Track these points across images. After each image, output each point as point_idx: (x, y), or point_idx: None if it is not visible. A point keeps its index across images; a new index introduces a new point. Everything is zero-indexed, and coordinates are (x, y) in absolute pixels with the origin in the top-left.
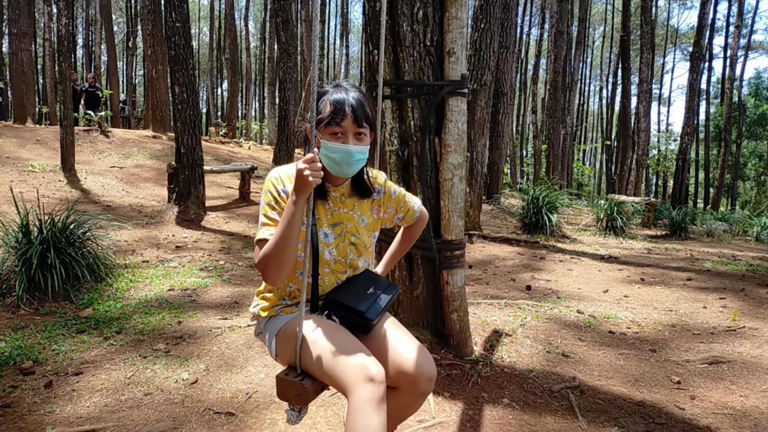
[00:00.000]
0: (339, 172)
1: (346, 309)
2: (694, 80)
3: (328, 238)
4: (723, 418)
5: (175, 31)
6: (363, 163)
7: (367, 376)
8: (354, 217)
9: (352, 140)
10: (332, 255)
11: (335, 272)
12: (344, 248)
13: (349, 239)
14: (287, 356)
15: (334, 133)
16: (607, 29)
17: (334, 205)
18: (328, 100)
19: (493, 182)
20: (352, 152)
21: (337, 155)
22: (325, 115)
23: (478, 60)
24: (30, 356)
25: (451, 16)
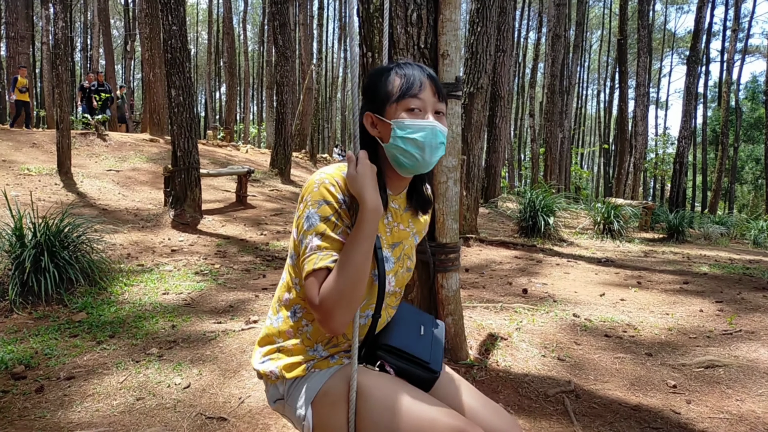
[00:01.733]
0: (417, 162)
1: (405, 359)
2: (691, 84)
3: (387, 264)
4: (719, 422)
5: (171, 34)
6: (444, 151)
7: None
8: (410, 235)
9: (433, 117)
10: (392, 285)
11: (388, 307)
12: (402, 276)
13: (405, 264)
14: (332, 428)
15: (410, 109)
16: (605, 33)
17: (393, 220)
18: (395, 74)
19: (491, 186)
20: (437, 130)
21: (419, 135)
22: (395, 88)
23: (475, 63)
24: (22, 361)
25: (446, 19)
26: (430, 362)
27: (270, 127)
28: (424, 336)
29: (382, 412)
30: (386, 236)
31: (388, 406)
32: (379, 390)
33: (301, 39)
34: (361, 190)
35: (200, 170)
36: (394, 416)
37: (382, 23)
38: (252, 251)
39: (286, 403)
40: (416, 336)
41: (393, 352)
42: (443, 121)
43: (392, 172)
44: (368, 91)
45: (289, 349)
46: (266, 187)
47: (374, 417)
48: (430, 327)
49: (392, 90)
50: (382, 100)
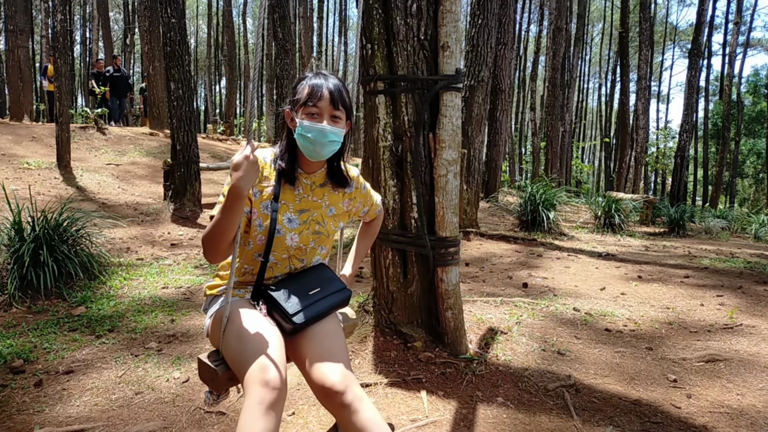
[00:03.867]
0: (313, 153)
1: (275, 306)
2: (693, 77)
3: (292, 224)
4: (719, 416)
5: (170, 27)
6: (337, 147)
7: (263, 380)
8: (322, 206)
9: (328, 122)
10: (294, 241)
11: (292, 258)
12: (307, 236)
13: (313, 227)
14: (215, 339)
15: (311, 114)
16: (606, 26)
17: (304, 192)
18: (306, 84)
19: (491, 180)
20: (327, 132)
21: (311, 134)
22: (303, 96)
23: (475, 56)
24: (21, 355)
25: (446, 10)
26: (292, 315)
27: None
28: (312, 295)
29: (233, 335)
30: (294, 203)
31: (236, 333)
32: (239, 320)
33: (301, 32)
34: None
35: (200, 164)
36: (238, 340)
37: (381, 14)
38: None
39: (206, 312)
40: (303, 293)
41: (268, 297)
42: (339, 124)
43: (302, 155)
44: (291, 93)
45: (221, 277)
46: None
47: (229, 338)
48: (327, 292)
49: (300, 97)
50: (295, 102)
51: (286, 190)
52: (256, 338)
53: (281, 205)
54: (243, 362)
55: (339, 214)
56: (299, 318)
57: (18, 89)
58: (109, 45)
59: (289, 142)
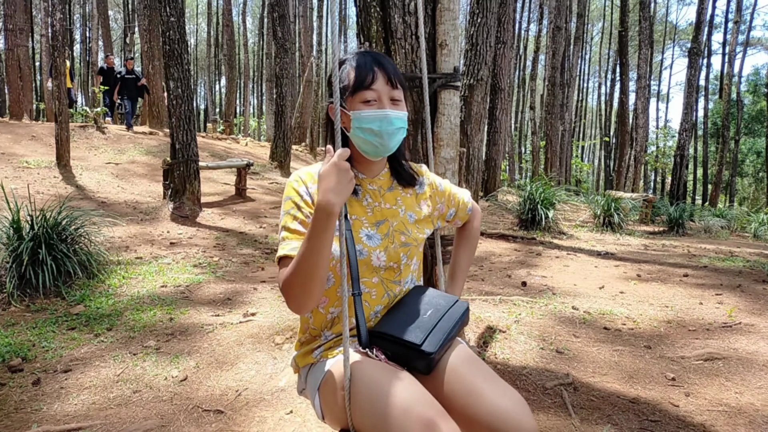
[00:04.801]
0: (378, 148)
1: (396, 343)
2: (693, 76)
3: (372, 240)
4: (718, 414)
5: (169, 26)
6: (404, 135)
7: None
8: (399, 212)
9: (389, 105)
10: (381, 260)
11: (385, 282)
12: (395, 251)
13: (398, 239)
14: (337, 414)
15: (366, 101)
16: (606, 25)
17: (373, 200)
18: (350, 66)
19: (491, 179)
20: (392, 117)
21: (374, 124)
22: (350, 81)
23: (475, 55)
24: (19, 353)
25: (444, 8)
26: (421, 344)
27: (270, 120)
28: (428, 318)
29: (367, 399)
30: (367, 216)
31: (371, 394)
32: (364, 378)
33: (300, 31)
34: (320, 191)
35: (199, 163)
36: (375, 404)
37: (379, 12)
38: (251, 244)
39: (306, 390)
40: (417, 319)
41: (382, 337)
42: (400, 107)
43: (361, 157)
44: (330, 84)
45: (304, 341)
46: (266, 180)
47: (362, 404)
48: (443, 311)
49: (348, 83)
50: (342, 91)
51: (352, 203)
52: (395, 391)
53: (352, 221)
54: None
55: (421, 221)
56: (430, 346)
57: (17, 88)
58: (109, 44)
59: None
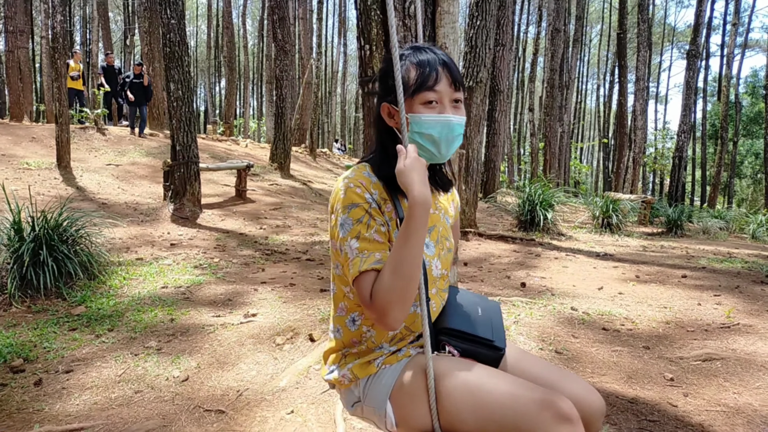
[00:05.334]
0: (434, 156)
1: (469, 340)
2: (691, 78)
3: (429, 249)
4: (716, 415)
5: (170, 28)
6: (461, 142)
7: (560, 416)
8: (440, 216)
9: (450, 109)
10: (438, 269)
11: (440, 291)
12: (446, 258)
13: (445, 245)
14: (415, 420)
15: (428, 103)
16: (605, 27)
17: None
18: (410, 63)
19: (490, 180)
20: (454, 124)
21: (435, 130)
22: (412, 80)
23: (474, 57)
24: (21, 354)
25: (443, 11)
26: (494, 340)
27: (270, 121)
28: (482, 316)
29: (463, 394)
30: None
31: (468, 388)
32: (455, 373)
33: (300, 33)
34: (409, 185)
35: (199, 164)
36: (476, 396)
37: (379, 15)
38: (251, 245)
39: (364, 404)
40: (475, 317)
41: (455, 334)
42: (461, 110)
43: None
44: (384, 80)
45: (356, 353)
46: (266, 182)
47: (456, 401)
48: (489, 309)
49: (408, 82)
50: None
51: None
52: (495, 379)
53: None
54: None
55: (453, 224)
56: (500, 342)
57: (18, 90)
58: (109, 46)
59: (385, 145)
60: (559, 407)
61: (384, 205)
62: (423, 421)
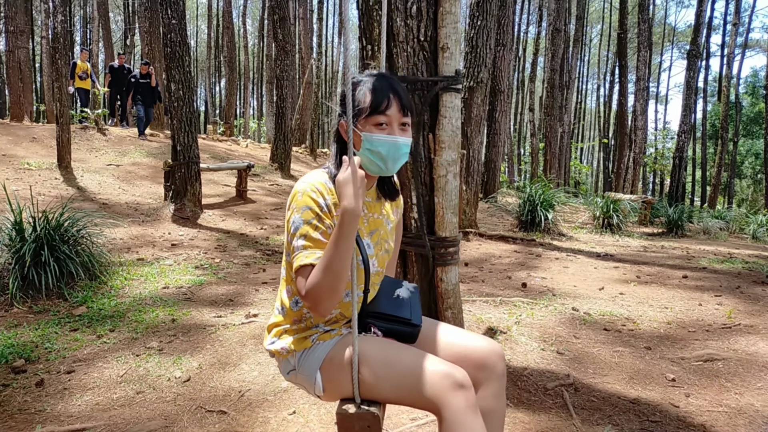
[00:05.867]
0: (381, 170)
1: (389, 320)
2: (691, 78)
3: (370, 249)
4: (718, 415)
5: (170, 28)
6: (407, 158)
7: (456, 383)
8: (383, 222)
9: (398, 131)
10: (375, 267)
11: (374, 285)
12: (383, 258)
13: (384, 247)
14: (340, 388)
15: (379, 125)
16: (605, 27)
17: (369, 211)
18: (366, 89)
19: (490, 180)
20: (400, 144)
21: (383, 149)
22: (366, 104)
23: (475, 57)
24: (22, 354)
25: (445, 11)
26: (411, 318)
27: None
28: (402, 299)
29: (381, 367)
30: (364, 226)
31: (386, 362)
32: (375, 351)
33: (300, 33)
34: (342, 196)
35: (200, 165)
36: (391, 368)
37: (381, 16)
38: (252, 245)
39: (298, 372)
40: (396, 300)
41: (379, 316)
42: (408, 132)
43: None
44: (343, 101)
45: (295, 330)
46: (266, 182)
47: (376, 373)
48: (408, 291)
49: (364, 105)
50: (359, 111)
51: None
52: (411, 355)
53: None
54: (418, 384)
55: (394, 227)
56: (417, 318)
57: (18, 90)
58: (110, 46)
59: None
60: (455, 377)
61: (335, 209)
62: (346, 389)
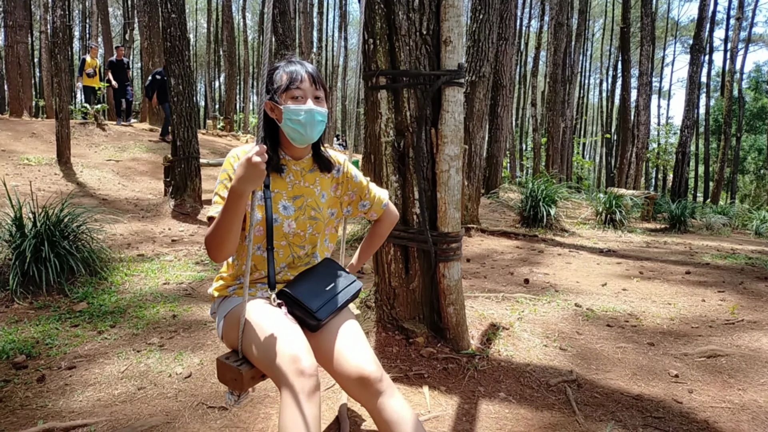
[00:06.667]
0: (303, 136)
1: (297, 305)
2: (694, 73)
3: (287, 210)
4: (721, 411)
5: (170, 23)
6: (324, 126)
7: (298, 369)
8: (315, 191)
9: (312, 102)
10: (291, 228)
11: (292, 245)
12: (304, 221)
13: (309, 213)
14: (232, 340)
15: (294, 98)
16: (608, 21)
17: (295, 178)
18: (283, 71)
19: (492, 176)
20: (314, 112)
21: (301, 116)
22: (283, 82)
23: (477, 51)
24: (23, 350)
25: (448, 5)
26: (315, 311)
27: None
28: (327, 291)
29: (256, 334)
30: (287, 190)
31: (261, 332)
32: (257, 318)
33: (301, 27)
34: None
35: (200, 160)
36: (260, 338)
37: (383, 9)
38: None
39: (214, 314)
40: (319, 290)
41: (289, 297)
42: (322, 104)
43: (289, 143)
44: (266, 84)
45: (224, 278)
46: None
47: (249, 336)
48: (341, 287)
49: (281, 83)
50: (275, 90)
51: (276, 179)
52: (281, 333)
53: (274, 193)
54: (270, 357)
55: (330, 200)
56: (322, 314)
57: (17, 85)
58: (109, 40)
59: (270, 132)
60: (299, 364)
61: None
62: (235, 342)
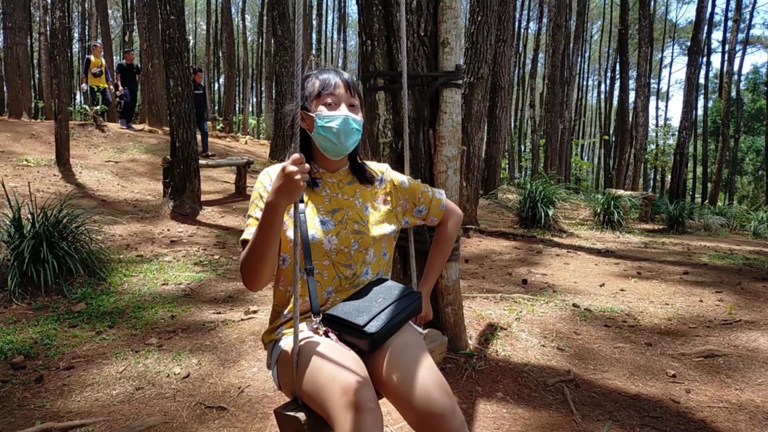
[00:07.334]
0: (337, 146)
1: (344, 326)
2: (692, 75)
3: (326, 226)
4: (718, 411)
5: (169, 24)
6: (359, 136)
7: (350, 402)
8: (356, 204)
9: (347, 109)
10: (333, 244)
11: (337, 265)
12: (347, 236)
13: (352, 227)
14: (288, 385)
15: (328, 104)
16: (606, 23)
17: (332, 191)
18: (316, 78)
19: (491, 177)
20: (350, 119)
21: (335, 123)
22: (315, 89)
23: (475, 53)
24: (21, 351)
25: (446, 6)
26: (364, 326)
27: (269, 118)
28: (377, 305)
29: (309, 370)
30: (324, 204)
31: (313, 366)
32: (310, 353)
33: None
34: (270, 191)
35: (199, 161)
36: (313, 374)
37: (381, 10)
38: None
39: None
40: (365, 305)
41: (332, 319)
42: (357, 113)
43: (322, 155)
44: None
45: (271, 320)
46: None
47: (302, 375)
48: (393, 299)
49: (312, 90)
50: (306, 98)
51: (310, 194)
52: (330, 363)
53: (311, 209)
54: (322, 394)
55: (381, 215)
56: (372, 327)
57: (16, 86)
58: (108, 42)
59: (303, 144)
60: (351, 397)
61: None
62: (291, 387)
